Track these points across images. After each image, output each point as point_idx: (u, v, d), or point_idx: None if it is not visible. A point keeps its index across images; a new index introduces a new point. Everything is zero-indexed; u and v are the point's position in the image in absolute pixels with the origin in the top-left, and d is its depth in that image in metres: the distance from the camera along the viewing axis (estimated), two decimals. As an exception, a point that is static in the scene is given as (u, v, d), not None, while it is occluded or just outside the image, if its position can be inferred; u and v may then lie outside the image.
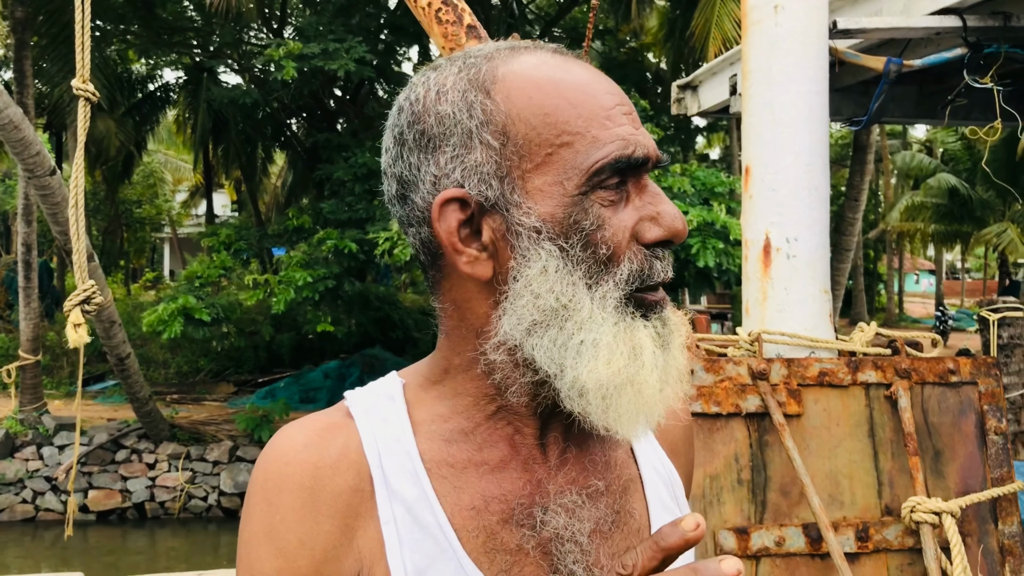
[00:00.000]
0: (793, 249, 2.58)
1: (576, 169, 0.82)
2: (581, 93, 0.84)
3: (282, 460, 0.86)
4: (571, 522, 0.87)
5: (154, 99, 19.28)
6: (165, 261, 34.52)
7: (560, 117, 0.83)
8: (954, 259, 46.51)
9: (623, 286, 0.82)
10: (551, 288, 0.82)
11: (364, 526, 0.85)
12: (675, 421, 1.04)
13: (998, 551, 2.59)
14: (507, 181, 0.84)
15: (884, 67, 2.68)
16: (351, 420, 0.89)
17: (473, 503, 0.86)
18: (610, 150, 0.81)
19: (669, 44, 16.15)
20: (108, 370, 15.10)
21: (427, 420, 0.90)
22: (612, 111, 0.84)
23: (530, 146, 0.83)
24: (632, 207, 0.83)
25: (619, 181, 0.83)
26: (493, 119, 0.84)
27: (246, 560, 0.85)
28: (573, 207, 0.82)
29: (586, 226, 0.82)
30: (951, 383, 2.61)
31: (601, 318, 0.82)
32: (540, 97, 0.84)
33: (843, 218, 14.23)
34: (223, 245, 13.75)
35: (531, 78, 0.85)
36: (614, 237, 0.82)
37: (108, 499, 12.26)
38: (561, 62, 0.87)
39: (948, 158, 26.52)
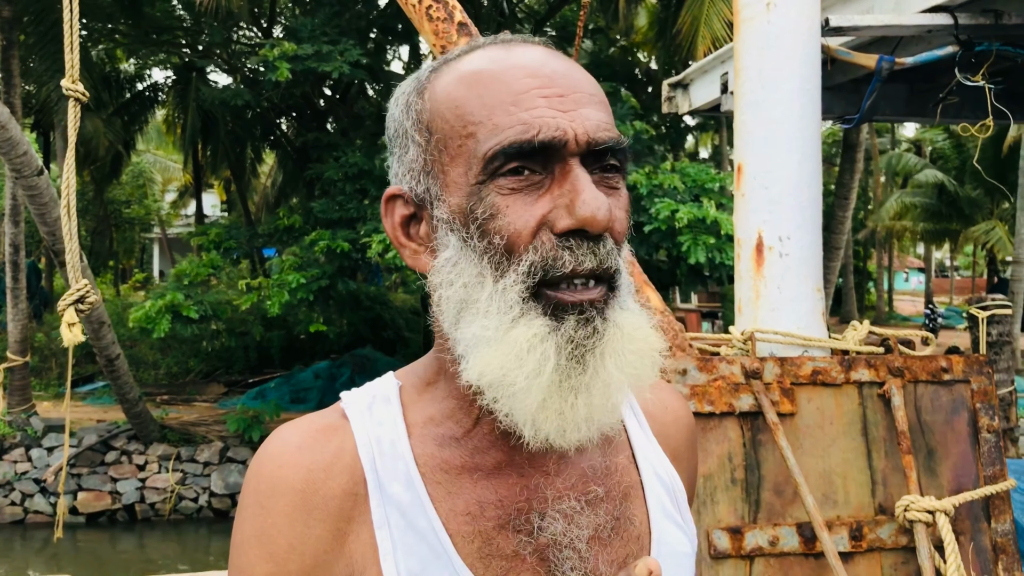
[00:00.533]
0: (786, 247, 2.57)
1: (476, 158, 0.81)
2: (493, 81, 0.82)
3: (276, 462, 0.85)
4: (569, 528, 0.86)
5: (143, 99, 19.17)
6: (155, 261, 34.36)
7: (467, 108, 0.82)
8: (943, 257, 46.75)
9: (524, 278, 0.79)
10: (454, 279, 0.82)
11: (357, 530, 0.84)
12: (676, 426, 1.03)
13: (991, 549, 2.59)
14: (432, 176, 0.84)
15: (876, 65, 2.68)
16: (347, 422, 0.88)
17: (468, 508, 0.85)
18: (506, 136, 0.79)
19: (659, 43, 16.16)
20: (97, 371, 15.03)
21: (421, 423, 0.89)
22: (523, 95, 0.81)
23: (446, 140, 0.83)
24: (550, 195, 0.80)
25: (527, 168, 0.80)
26: (421, 117, 0.86)
27: (237, 563, 0.85)
28: (471, 197, 0.81)
29: (479, 215, 0.80)
30: (944, 381, 2.61)
31: (494, 310, 0.79)
32: (454, 91, 0.84)
33: (833, 217, 14.28)
34: (213, 244, 13.69)
35: (456, 73, 0.85)
36: (509, 226, 0.79)
37: (98, 501, 12.19)
38: (501, 53, 0.86)
39: (936, 156, 26.68)
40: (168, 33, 16.64)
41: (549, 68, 0.83)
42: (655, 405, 1.01)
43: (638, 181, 10.98)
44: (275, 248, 14.87)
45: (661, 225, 10.12)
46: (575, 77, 0.84)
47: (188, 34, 16.85)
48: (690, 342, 2.61)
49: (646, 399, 1.00)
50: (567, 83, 0.83)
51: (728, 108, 3.64)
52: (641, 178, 11.00)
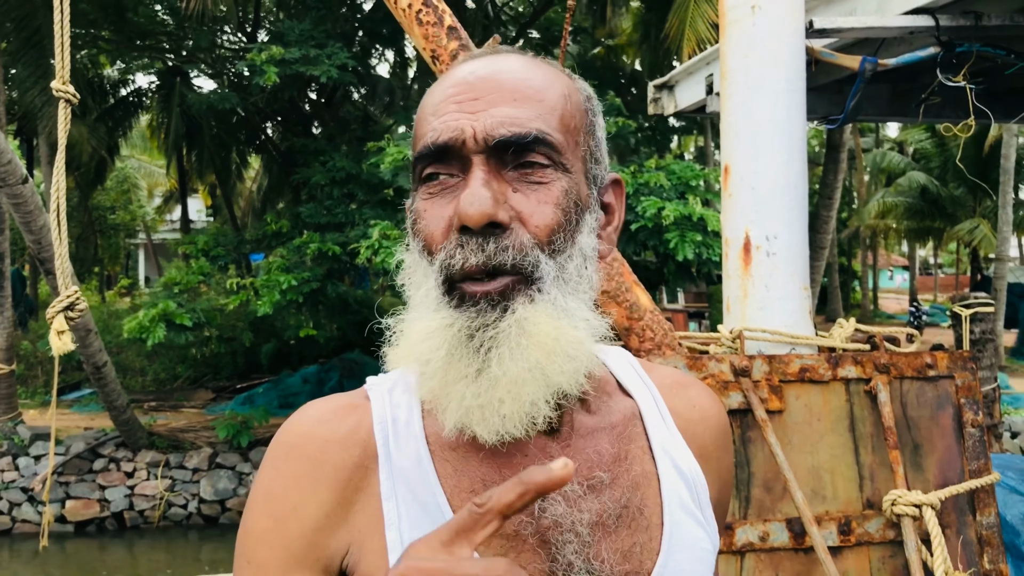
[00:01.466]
0: (773, 247, 2.60)
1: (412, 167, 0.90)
2: (433, 93, 0.90)
3: (296, 431, 0.91)
4: (570, 511, 0.87)
5: (127, 104, 19.08)
6: (140, 267, 34.16)
7: (416, 121, 0.91)
8: (927, 255, 47.08)
9: (436, 275, 0.85)
10: (407, 279, 0.90)
11: (363, 501, 0.88)
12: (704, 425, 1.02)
13: (976, 542, 2.63)
14: (414, 182, 0.91)
15: (860, 66, 2.72)
16: (367, 402, 0.94)
17: (472, 486, 0.88)
18: (420, 144, 0.87)
19: (643, 45, 16.23)
20: (84, 378, 14.94)
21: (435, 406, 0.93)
22: (441, 104, 0.87)
23: (414, 150, 0.90)
24: (459, 197, 0.84)
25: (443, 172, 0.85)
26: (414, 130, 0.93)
27: (244, 518, 0.90)
28: (411, 203, 0.90)
29: (411, 219, 0.89)
30: (929, 377, 2.65)
31: (421, 305, 0.86)
32: (420, 105, 0.92)
33: (817, 216, 14.38)
34: (201, 252, 13.65)
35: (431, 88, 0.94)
36: (426, 228, 0.86)
37: (86, 509, 12.11)
38: (453, 68, 0.92)
39: (919, 156, 26.87)
40: (152, 38, 16.57)
41: (478, 75, 0.87)
42: (683, 403, 1.02)
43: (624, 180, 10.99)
44: (263, 254, 14.83)
45: (648, 223, 10.16)
46: (502, 79, 0.87)
47: (172, 39, 16.78)
48: (679, 341, 2.64)
49: (674, 396, 1.01)
50: (487, 86, 0.86)
51: (713, 109, 3.68)
52: (627, 177, 11.05)
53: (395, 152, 10.93)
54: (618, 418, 0.95)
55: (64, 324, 2.37)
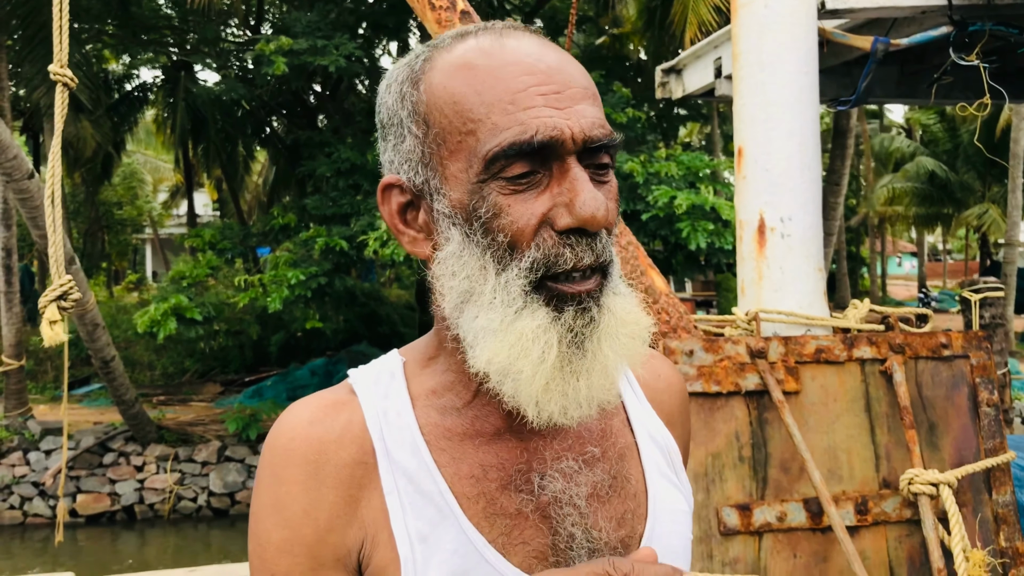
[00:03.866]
0: (787, 228, 2.60)
1: (476, 157, 0.83)
2: (490, 78, 0.84)
3: (288, 435, 0.90)
4: (568, 486, 0.91)
5: (131, 99, 19.08)
6: (147, 262, 34.25)
7: (465, 105, 0.84)
8: (936, 241, 46.91)
9: (527, 273, 0.83)
10: (459, 270, 0.86)
11: (368, 496, 0.88)
12: (668, 393, 1.08)
13: (992, 520, 2.63)
14: (430, 167, 0.87)
15: (871, 46, 2.71)
16: (354, 396, 0.93)
17: (472, 471, 0.90)
18: (505, 137, 0.81)
19: (648, 33, 16.16)
20: (93, 373, 14.99)
21: (424, 395, 0.93)
22: (521, 94, 0.83)
23: (444, 134, 0.85)
24: (550, 193, 0.83)
25: (528, 168, 0.82)
26: (417, 109, 0.87)
27: (255, 531, 0.89)
28: (473, 195, 0.84)
29: (482, 214, 0.83)
30: (944, 357, 2.65)
31: (499, 302, 0.84)
32: (452, 85, 0.85)
33: (825, 203, 14.31)
34: (208, 245, 13.67)
35: (452, 65, 0.86)
36: (512, 225, 0.82)
37: (97, 503, 12.18)
38: (494, 45, 0.86)
39: (928, 140, 26.74)
40: (156, 32, 16.57)
41: (544, 63, 0.85)
42: (649, 373, 1.06)
43: (634, 169, 10.99)
44: (270, 247, 14.85)
45: (659, 212, 10.15)
46: (569, 71, 0.86)
47: (176, 32, 16.78)
48: (695, 323, 2.64)
49: (640, 368, 1.05)
50: (562, 79, 0.85)
51: (722, 92, 3.67)
52: (637, 166, 11.01)
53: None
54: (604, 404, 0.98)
55: (56, 314, 2.31)
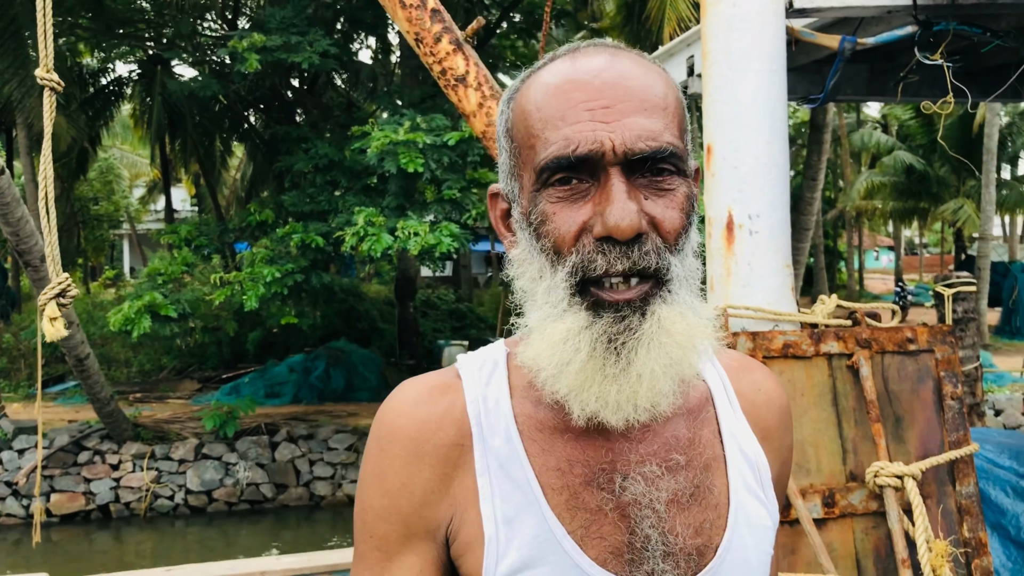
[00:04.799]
0: (755, 225, 2.63)
1: (534, 168, 0.92)
2: (551, 96, 0.92)
3: (395, 412, 0.98)
4: (649, 490, 0.94)
5: (107, 93, 18.87)
6: (125, 258, 33.93)
7: (530, 120, 0.93)
8: (912, 235, 47.39)
9: (568, 276, 0.89)
10: (523, 272, 0.95)
11: (461, 476, 0.95)
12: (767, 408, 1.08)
13: (956, 511, 2.68)
14: (514, 178, 0.97)
15: (839, 45, 2.74)
16: (459, 381, 1.00)
17: (559, 464, 0.95)
18: (552, 151, 0.89)
19: (627, 28, 16.20)
20: (67, 371, 14.85)
21: (523, 386, 0.98)
22: (570, 110, 0.89)
23: (520, 148, 0.95)
24: (593, 202, 0.89)
25: (574, 178, 0.89)
26: (507, 125, 0.98)
27: (361, 495, 0.98)
28: (531, 203, 0.93)
29: (534, 220, 0.92)
30: (909, 351, 2.69)
31: (546, 303, 0.91)
32: (527, 103, 0.94)
33: (801, 198, 14.43)
34: (184, 242, 13.56)
35: (533, 86, 0.95)
36: (556, 231, 0.90)
37: (71, 502, 12.07)
38: (567, 64, 0.93)
39: (904, 135, 26.98)
40: (131, 25, 16.40)
41: (601, 79, 0.90)
42: (749, 386, 1.08)
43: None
44: (247, 243, 14.75)
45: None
46: (629, 85, 0.90)
47: (151, 26, 16.61)
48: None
49: (740, 379, 1.08)
50: (615, 93, 0.89)
51: (694, 91, 3.69)
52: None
53: (381, 137, 10.88)
54: (693, 402, 1.02)
55: (56, 311, 2.38)
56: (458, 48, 2.49)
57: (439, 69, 2.50)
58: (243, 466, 12.63)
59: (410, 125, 11.10)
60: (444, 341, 17.78)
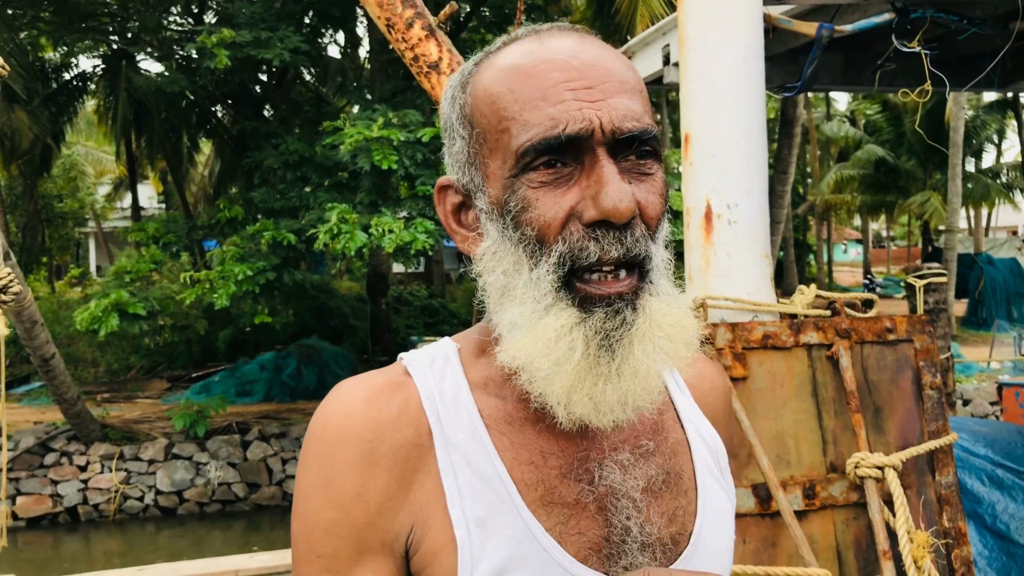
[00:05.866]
0: (734, 215, 2.60)
1: (509, 152, 0.85)
2: (524, 76, 0.86)
3: (343, 413, 0.87)
4: (625, 479, 0.90)
5: (70, 89, 18.52)
6: (91, 256, 33.39)
7: (501, 104, 0.86)
8: (880, 228, 47.98)
9: (555, 268, 0.83)
10: (495, 266, 0.87)
11: (422, 479, 0.87)
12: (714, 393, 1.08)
13: (936, 501, 2.67)
14: (475, 167, 0.89)
15: (816, 32, 2.71)
16: (409, 378, 0.92)
17: (531, 458, 0.89)
18: (535, 132, 0.83)
19: (597, 22, 16.20)
20: (33, 371, 14.58)
21: (482, 382, 0.92)
22: (551, 89, 0.84)
23: (485, 134, 0.88)
24: (579, 186, 0.84)
25: (558, 161, 0.84)
26: (464, 111, 0.90)
27: (302, 510, 0.87)
28: (506, 190, 0.85)
29: (512, 207, 0.85)
30: (889, 341, 2.67)
31: (528, 298, 0.84)
32: (492, 86, 0.88)
33: (772, 191, 14.54)
34: (152, 239, 13.35)
35: (495, 68, 0.89)
36: (540, 218, 0.83)
37: (37, 505, 11.85)
38: (534, 46, 0.88)
39: (872, 129, 27.29)
40: (94, 19, 16.09)
41: (579, 59, 0.86)
42: (694, 376, 1.06)
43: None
44: (216, 240, 14.55)
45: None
46: (606, 66, 0.87)
47: (115, 20, 16.31)
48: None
49: (686, 368, 1.05)
50: (596, 73, 0.85)
51: (670, 80, 3.66)
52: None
53: (354, 134, 10.77)
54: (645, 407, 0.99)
55: None
56: (431, 34, 2.43)
57: (411, 56, 2.44)
58: (214, 466, 12.48)
59: (383, 121, 11.00)
60: (417, 337, 17.71)
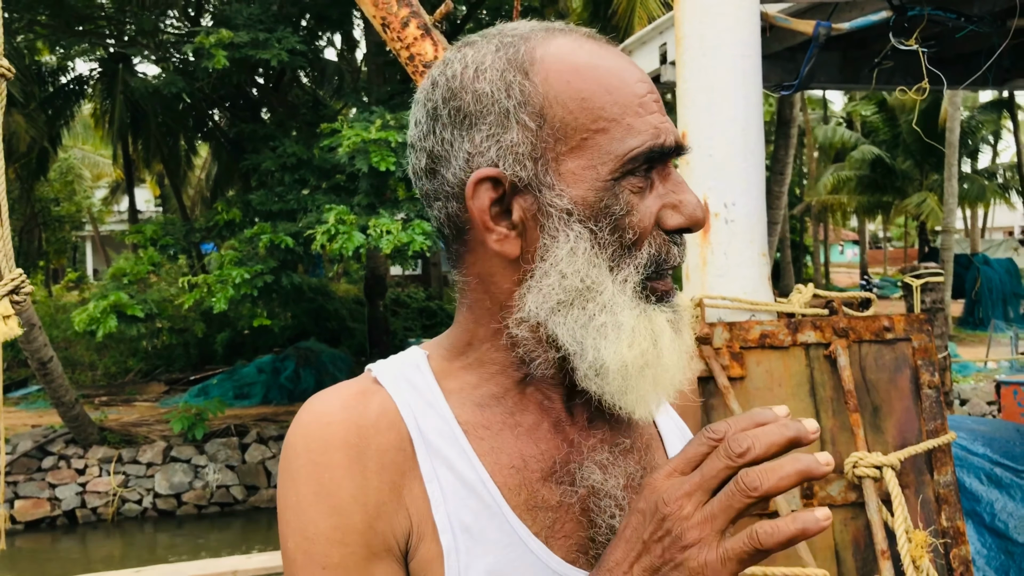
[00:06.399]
0: (731, 214, 2.59)
1: (610, 155, 0.84)
2: (616, 79, 0.86)
3: (323, 421, 0.85)
4: (607, 478, 0.90)
5: (67, 92, 18.50)
6: (88, 260, 33.34)
7: (596, 103, 0.85)
8: (876, 229, 48.02)
9: (642, 270, 0.85)
10: (577, 269, 0.84)
11: (409, 485, 0.85)
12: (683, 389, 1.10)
13: (934, 500, 2.66)
14: (541, 162, 0.85)
15: (814, 31, 2.71)
16: (380, 386, 0.90)
17: (512, 462, 0.88)
18: (644, 139, 0.84)
19: (593, 24, 16.21)
20: (30, 375, 14.55)
21: (456, 388, 0.91)
22: (645, 99, 0.86)
23: (566, 129, 0.85)
24: (655, 194, 0.86)
25: (647, 168, 0.86)
26: (531, 100, 0.86)
27: (296, 524, 0.84)
28: (605, 192, 0.84)
29: (616, 211, 0.84)
30: (887, 340, 2.66)
31: (623, 301, 0.85)
32: (578, 81, 0.85)
33: (769, 192, 14.54)
34: (150, 241, 13.34)
35: (569, 62, 0.87)
36: (641, 223, 0.85)
37: (36, 508, 11.83)
38: (596, 47, 0.89)
39: (868, 130, 27.33)
40: (91, 23, 16.08)
41: (644, 73, 0.90)
42: None
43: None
44: (213, 243, 14.53)
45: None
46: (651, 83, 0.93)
47: (112, 23, 16.30)
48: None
49: None
50: (653, 89, 0.90)
51: (667, 78, 3.66)
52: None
53: (352, 136, 10.76)
54: None
55: (9, 308, 2.28)
56: (426, 33, 2.42)
57: (407, 55, 2.43)
58: (212, 468, 12.46)
59: (381, 123, 11.00)
60: (415, 339, 17.69)
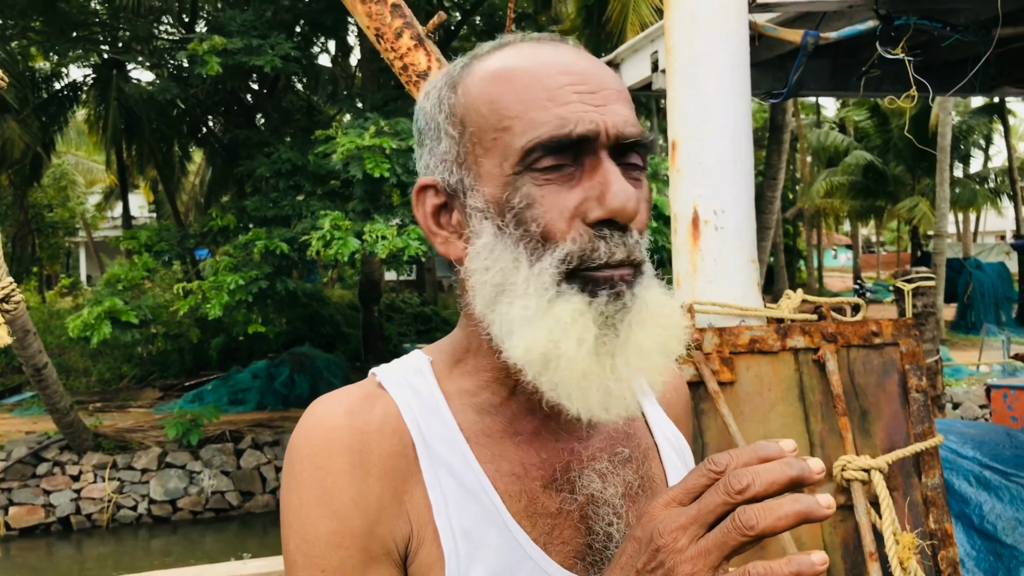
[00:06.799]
0: (721, 221, 2.62)
1: (511, 150, 0.85)
2: (528, 77, 0.86)
3: (326, 425, 0.87)
4: (605, 486, 0.91)
5: (61, 98, 18.48)
6: (81, 266, 33.28)
7: (502, 103, 0.86)
8: (869, 233, 48.15)
9: (559, 264, 0.83)
10: (491, 264, 0.86)
11: (411, 490, 0.86)
12: (676, 395, 1.10)
13: (922, 503, 2.69)
14: (464, 167, 0.89)
15: (802, 39, 2.75)
16: (384, 391, 0.91)
17: (513, 469, 0.90)
18: (543, 130, 0.83)
19: (587, 30, 16.26)
20: (24, 381, 14.52)
21: (457, 394, 0.92)
22: (558, 91, 0.85)
23: (480, 133, 0.87)
24: (581, 187, 0.84)
25: (562, 161, 0.84)
26: (455, 111, 0.90)
27: (297, 527, 0.85)
28: (508, 187, 0.85)
29: (515, 204, 0.84)
30: (875, 345, 2.70)
31: (532, 291, 0.83)
32: (489, 86, 0.88)
33: (762, 197, 14.60)
34: (144, 247, 13.33)
35: (490, 70, 0.89)
36: (545, 215, 0.83)
37: (30, 515, 11.80)
38: (532, 51, 0.90)
39: (860, 136, 27.44)
40: (85, 29, 16.08)
41: (579, 66, 0.88)
42: None
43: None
44: (208, 249, 14.53)
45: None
46: (603, 75, 0.89)
47: (106, 30, 16.31)
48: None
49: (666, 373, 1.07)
50: (597, 80, 0.87)
51: (659, 86, 3.69)
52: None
53: (347, 142, 10.79)
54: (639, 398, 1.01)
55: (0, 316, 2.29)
56: (419, 44, 2.45)
57: (400, 65, 2.46)
58: (208, 474, 12.44)
59: (375, 130, 11.03)
60: (410, 344, 17.70)
